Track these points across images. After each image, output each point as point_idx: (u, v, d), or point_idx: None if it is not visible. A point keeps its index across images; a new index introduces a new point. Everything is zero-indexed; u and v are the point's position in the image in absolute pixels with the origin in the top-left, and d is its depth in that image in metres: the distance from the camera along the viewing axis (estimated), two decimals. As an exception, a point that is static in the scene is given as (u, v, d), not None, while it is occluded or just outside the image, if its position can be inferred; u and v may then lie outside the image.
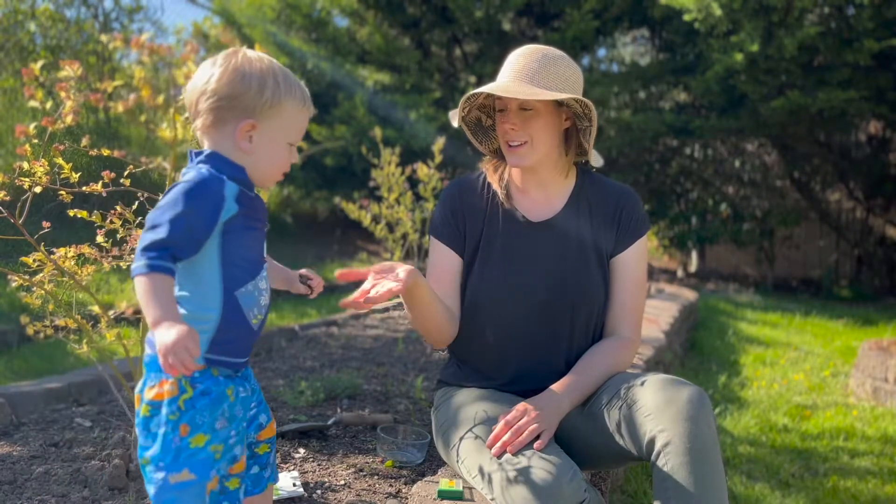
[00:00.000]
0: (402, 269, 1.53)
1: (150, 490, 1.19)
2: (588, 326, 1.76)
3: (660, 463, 1.41)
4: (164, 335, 1.05)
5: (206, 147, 1.25)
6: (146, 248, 1.11)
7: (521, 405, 1.56)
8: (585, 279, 1.75)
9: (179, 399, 1.18)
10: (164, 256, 1.11)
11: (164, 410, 1.18)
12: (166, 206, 1.14)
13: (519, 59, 1.72)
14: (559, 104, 1.70)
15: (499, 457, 1.46)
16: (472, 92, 1.71)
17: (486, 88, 1.67)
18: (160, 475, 1.17)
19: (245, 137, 1.23)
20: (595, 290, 1.75)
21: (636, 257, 1.78)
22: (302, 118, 1.29)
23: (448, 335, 1.78)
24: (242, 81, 1.21)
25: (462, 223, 1.81)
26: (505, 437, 1.48)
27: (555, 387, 1.63)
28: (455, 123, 1.81)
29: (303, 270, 1.50)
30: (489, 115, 1.84)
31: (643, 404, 1.47)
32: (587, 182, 1.82)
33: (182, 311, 1.19)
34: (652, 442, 1.43)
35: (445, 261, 1.80)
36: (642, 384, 1.52)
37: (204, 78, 1.23)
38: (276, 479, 1.41)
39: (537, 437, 1.49)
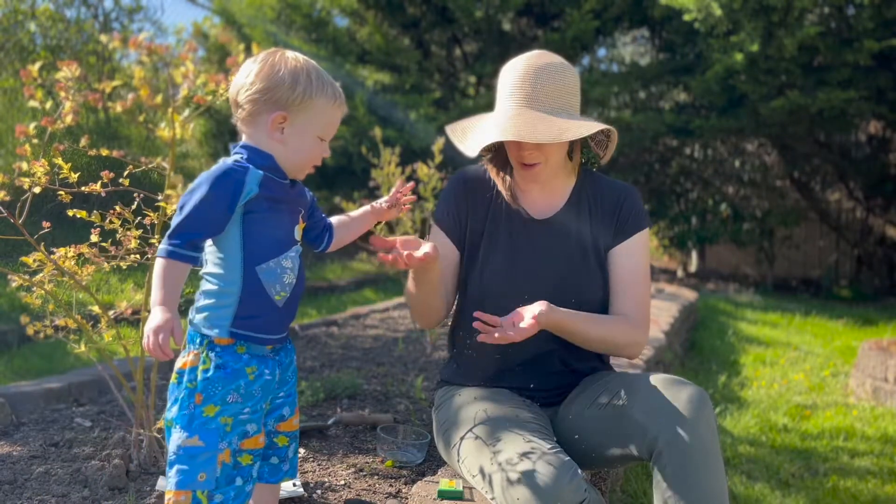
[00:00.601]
0: (429, 244, 1.53)
1: (170, 450, 1.30)
2: None
3: (660, 463, 1.42)
4: (154, 317, 1.18)
5: (244, 138, 1.37)
6: (171, 234, 1.24)
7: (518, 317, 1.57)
8: (586, 276, 1.75)
9: (198, 369, 1.29)
10: (185, 245, 1.24)
11: (185, 378, 1.30)
12: (189, 191, 1.27)
13: (524, 81, 1.65)
14: None
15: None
16: (494, 140, 1.63)
17: (508, 135, 1.59)
18: (175, 436, 1.29)
19: (277, 128, 1.33)
20: (595, 288, 1.75)
21: (635, 249, 1.76)
22: (333, 114, 1.39)
23: (438, 319, 1.84)
24: (277, 76, 1.32)
25: (465, 215, 1.81)
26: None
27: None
28: (471, 154, 1.71)
29: (382, 202, 1.61)
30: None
31: (643, 404, 1.48)
32: (588, 180, 1.82)
33: (211, 285, 1.33)
34: (653, 442, 1.43)
35: (444, 251, 1.79)
36: (643, 384, 1.52)
37: (244, 74, 1.35)
38: (294, 475, 1.48)
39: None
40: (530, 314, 1.54)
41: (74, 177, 1.70)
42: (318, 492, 1.77)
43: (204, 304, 1.33)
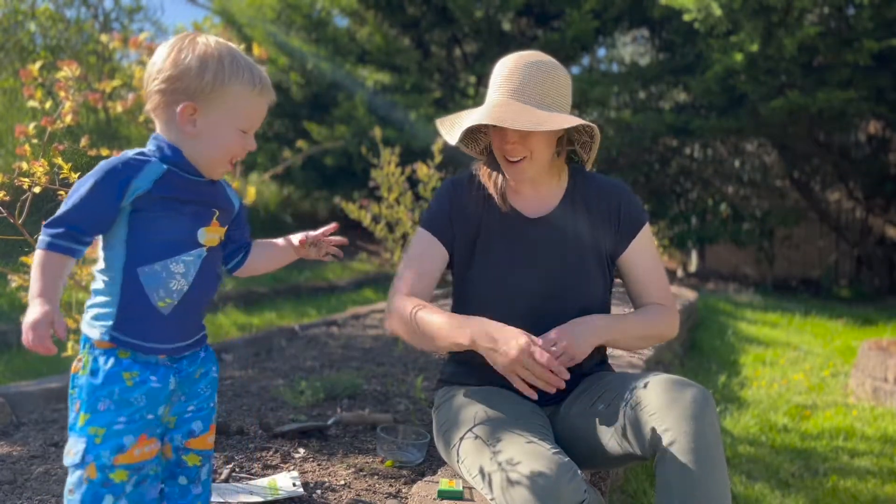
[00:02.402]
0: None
1: None
2: None
3: (663, 462, 1.42)
4: (32, 311, 1.10)
5: (157, 129, 1.26)
6: (50, 223, 1.15)
7: (555, 333, 1.60)
8: (583, 275, 1.75)
9: (79, 375, 1.22)
10: (66, 237, 1.15)
11: (73, 384, 1.23)
12: (81, 181, 1.19)
13: (513, 74, 1.66)
14: None
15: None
16: (472, 122, 1.65)
17: (489, 119, 1.61)
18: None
19: (188, 121, 1.22)
20: (594, 288, 1.76)
21: (644, 245, 1.79)
22: (253, 103, 1.25)
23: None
24: (183, 64, 1.20)
25: (455, 222, 1.80)
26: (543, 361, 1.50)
27: (594, 316, 1.67)
28: (453, 141, 1.74)
29: (300, 236, 1.44)
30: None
31: (647, 404, 1.47)
32: (579, 180, 1.82)
33: (97, 284, 1.24)
34: (655, 441, 1.43)
35: (434, 253, 1.79)
36: (646, 384, 1.52)
37: (152, 61, 1.24)
38: (206, 500, 1.35)
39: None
40: (580, 342, 1.58)
41: (74, 177, 1.70)
42: (318, 492, 1.77)
43: (90, 303, 1.25)
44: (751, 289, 9.31)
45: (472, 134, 1.85)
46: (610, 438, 1.56)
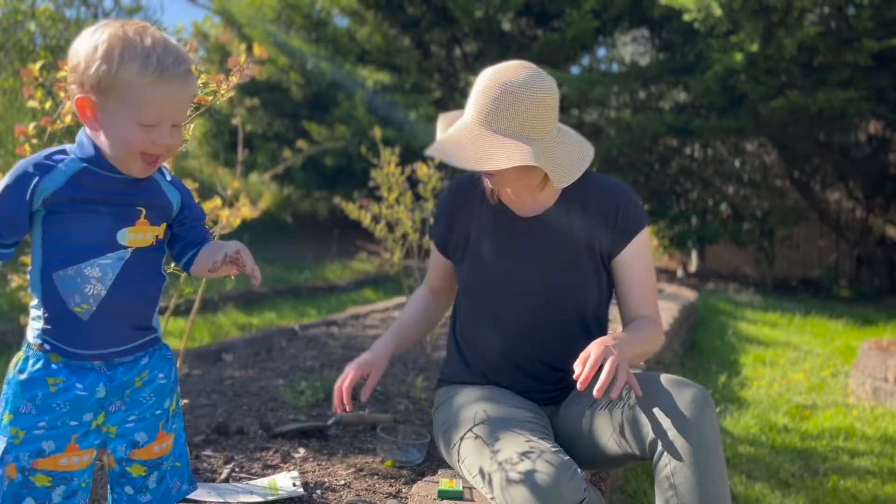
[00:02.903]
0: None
1: None
2: (582, 323, 1.76)
3: (662, 463, 1.41)
4: None
5: None
6: None
7: (598, 347, 1.48)
8: (578, 276, 1.74)
9: (10, 373, 1.20)
10: None
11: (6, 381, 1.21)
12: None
13: (479, 96, 1.62)
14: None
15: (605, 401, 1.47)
16: (428, 151, 1.66)
17: (435, 150, 1.63)
18: None
19: (90, 116, 1.14)
20: (587, 286, 1.75)
21: (640, 249, 1.76)
22: (149, 92, 1.11)
23: (433, 327, 2.16)
24: (75, 54, 1.14)
25: (451, 227, 1.87)
26: (602, 377, 1.44)
27: (615, 335, 1.63)
28: (429, 152, 1.75)
29: (230, 250, 1.25)
30: None
31: (646, 405, 1.47)
32: (578, 181, 1.77)
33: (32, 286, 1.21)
34: (654, 442, 1.43)
35: (439, 262, 1.96)
36: (645, 384, 1.52)
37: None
38: None
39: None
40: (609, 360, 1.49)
41: (74, 177, 1.69)
42: (318, 492, 1.77)
43: (31, 303, 1.22)
44: (751, 289, 9.31)
45: None
46: (609, 439, 1.56)
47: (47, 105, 1.56)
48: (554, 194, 1.78)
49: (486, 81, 1.63)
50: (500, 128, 1.60)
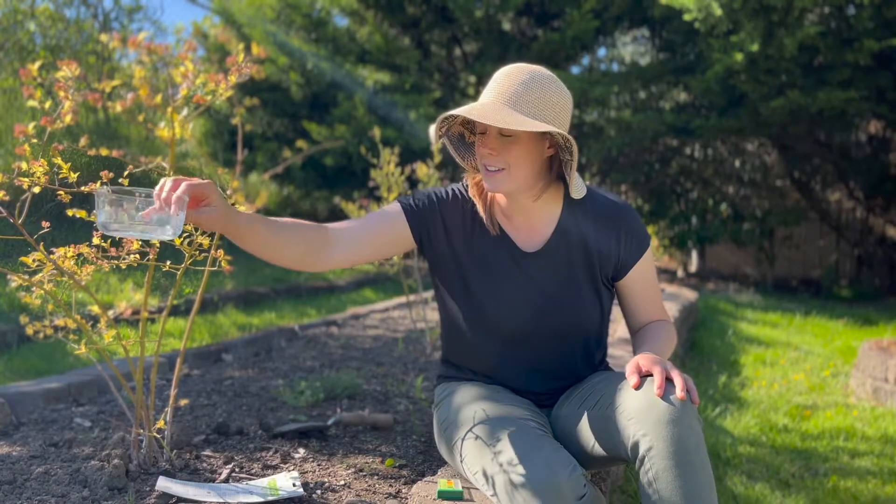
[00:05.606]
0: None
1: None
2: (585, 351, 1.77)
3: (643, 468, 1.40)
4: None
5: None
6: None
7: (645, 362, 1.49)
8: (579, 305, 1.73)
9: None
10: None
11: None
12: None
13: (504, 80, 1.62)
14: (542, 133, 1.63)
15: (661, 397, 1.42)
16: (449, 112, 1.63)
17: (464, 111, 1.58)
18: None
19: None
20: (589, 315, 1.74)
21: (645, 267, 1.76)
22: None
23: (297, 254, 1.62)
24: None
25: (433, 227, 1.75)
26: (658, 382, 1.44)
27: (645, 347, 1.67)
28: (434, 141, 1.75)
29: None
30: (472, 131, 1.76)
31: (625, 408, 1.46)
32: (577, 203, 1.74)
33: None
34: (635, 447, 1.42)
35: (395, 223, 1.73)
36: (624, 386, 1.50)
37: None
38: None
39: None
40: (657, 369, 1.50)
41: (74, 177, 1.69)
42: (318, 492, 1.77)
43: None
44: (751, 289, 9.31)
45: (469, 147, 1.79)
46: (596, 441, 1.55)
47: (47, 105, 1.56)
48: (552, 219, 1.74)
49: (512, 69, 1.64)
50: (526, 109, 1.57)
